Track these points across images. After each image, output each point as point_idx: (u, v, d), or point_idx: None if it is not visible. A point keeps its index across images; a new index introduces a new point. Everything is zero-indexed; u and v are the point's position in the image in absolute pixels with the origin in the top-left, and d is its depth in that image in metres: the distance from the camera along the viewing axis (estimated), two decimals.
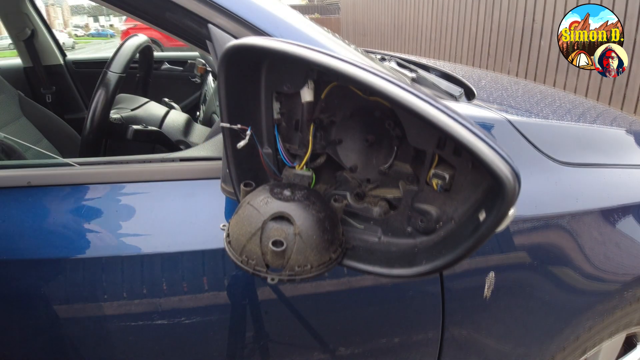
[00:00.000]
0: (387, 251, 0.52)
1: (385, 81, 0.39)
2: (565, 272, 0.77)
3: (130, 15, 0.71)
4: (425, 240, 0.50)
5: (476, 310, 0.73)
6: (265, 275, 0.44)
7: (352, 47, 0.85)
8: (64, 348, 0.64)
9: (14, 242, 0.60)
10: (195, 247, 0.63)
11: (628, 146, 0.96)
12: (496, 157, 0.36)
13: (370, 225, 0.55)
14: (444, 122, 0.37)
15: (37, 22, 1.97)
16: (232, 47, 0.46)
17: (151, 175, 0.66)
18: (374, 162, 0.56)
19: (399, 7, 8.13)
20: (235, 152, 0.53)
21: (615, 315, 0.88)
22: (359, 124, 0.56)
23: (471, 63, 6.21)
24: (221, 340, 0.66)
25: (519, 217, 0.72)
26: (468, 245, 0.40)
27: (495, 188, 0.37)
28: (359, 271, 0.49)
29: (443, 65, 1.46)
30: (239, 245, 0.45)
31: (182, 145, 1.34)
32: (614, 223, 0.81)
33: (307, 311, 0.68)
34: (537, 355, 0.83)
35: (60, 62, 2.11)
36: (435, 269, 0.43)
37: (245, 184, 0.52)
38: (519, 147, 0.76)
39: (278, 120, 0.57)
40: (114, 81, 1.18)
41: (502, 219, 0.37)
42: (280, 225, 0.44)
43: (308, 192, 0.48)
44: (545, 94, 1.27)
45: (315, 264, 0.45)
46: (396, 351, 0.74)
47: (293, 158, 0.58)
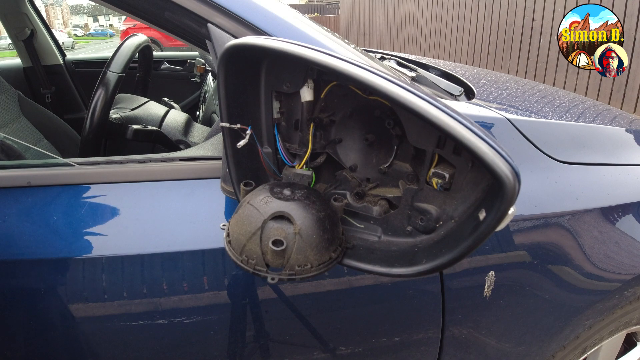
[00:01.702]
0: (387, 250, 0.52)
1: (385, 80, 0.39)
2: (565, 271, 0.77)
3: (129, 15, 0.71)
4: (426, 239, 0.50)
5: (476, 309, 0.73)
6: (265, 274, 0.44)
7: (351, 46, 0.85)
8: (64, 348, 0.64)
9: (14, 242, 0.60)
10: (195, 246, 0.63)
11: (628, 145, 0.96)
12: (496, 156, 0.36)
13: (370, 224, 0.55)
14: (443, 121, 0.37)
15: (37, 22, 1.97)
16: (232, 47, 0.46)
17: (151, 175, 0.66)
18: (374, 161, 0.56)
19: (399, 7, 8.12)
20: (235, 151, 0.53)
21: (615, 314, 0.88)
22: (358, 123, 0.56)
23: (471, 62, 6.20)
24: (221, 339, 0.66)
25: (519, 216, 0.72)
26: (468, 244, 0.40)
27: (495, 187, 0.37)
28: (359, 270, 0.49)
29: (443, 65, 1.46)
30: (239, 244, 0.45)
31: (182, 144, 1.34)
32: (614, 222, 0.81)
33: (307, 310, 0.68)
34: (537, 354, 0.83)
35: (60, 62, 2.11)
36: (435, 267, 0.43)
37: (245, 183, 0.52)
38: (518, 146, 0.76)
39: (278, 119, 0.57)
40: (113, 81, 1.18)
41: (502, 218, 0.37)
42: (280, 224, 0.44)
43: (308, 191, 0.48)
44: (545, 93, 1.27)
45: (315, 263, 0.45)
46: (396, 350, 0.74)
47: (293, 157, 0.58)
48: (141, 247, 0.62)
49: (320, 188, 0.58)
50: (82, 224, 0.63)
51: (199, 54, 2.13)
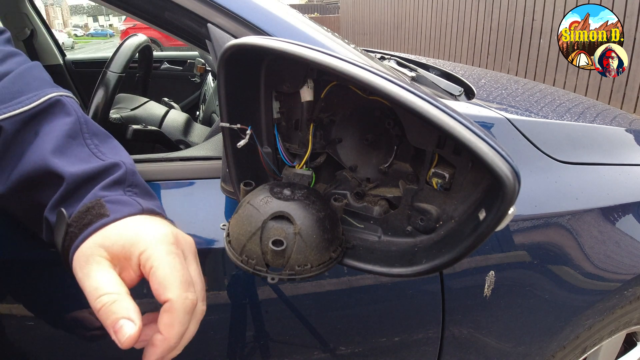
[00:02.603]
0: (387, 250, 0.52)
1: (385, 80, 0.39)
2: (565, 271, 0.77)
3: (129, 15, 0.71)
4: (426, 239, 0.50)
5: (476, 309, 0.73)
6: (265, 274, 0.44)
7: (351, 46, 0.85)
8: (63, 348, 0.64)
9: (14, 242, 0.60)
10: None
11: (628, 145, 0.96)
12: (496, 156, 0.36)
13: (370, 224, 0.55)
14: (443, 121, 0.37)
15: (37, 22, 1.97)
16: (232, 47, 0.46)
17: (151, 175, 0.66)
18: (374, 161, 0.56)
19: (399, 6, 8.13)
20: (235, 151, 0.53)
21: (615, 314, 0.88)
22: (358, 123, 0.56)
23: (471, 62, 6.21)
24: (221, 339, 0.66)
25: (519, 216, 0.72)
26: (467, 244, 0.40)
27: (495, 187, 0.37)
28: (359, 270, 0.49)
29: (443, 64, 1.46)
30: (239, 244, 0.45)
31: (182, 144, 1.34)
32: (614, 222, 0.81)
33: (307, 310, 0.68)
34: (537, 354, 0.83)
35: (60, 62, 2.11)
36: (435, 268, 0.43)
37: (245, 183, 0.52)
38: (518, 146, 0.76)
39: (278, 119, 0.56)
40: (113, 81, 1.18)
41: (501, 218, 0.37)
42: (280, 224, 0.44)
43: (308, 191, 0.48)
44: (545, 93, 1.27)
45: (315, 263, 0.45)
46: (396, 350, 0.74)
47: (293, 157, 0.58)
48: None
49: (320, 188, 0.58)
50: None
51: (199, 54, 2.13)
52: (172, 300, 0.38)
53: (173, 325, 0.38)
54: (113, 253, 0.40)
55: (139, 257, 0.40)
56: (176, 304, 0.38)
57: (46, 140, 0.45)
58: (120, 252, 0.40)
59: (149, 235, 0.40)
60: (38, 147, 0.44)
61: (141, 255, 0.40)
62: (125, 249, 0.40)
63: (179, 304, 0.38)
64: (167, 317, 0.38)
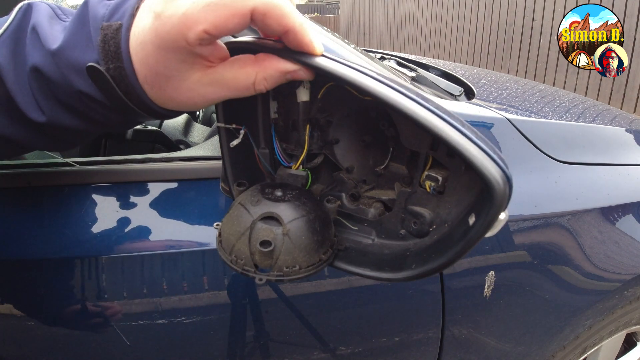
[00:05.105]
0: (380, 253, 0.51)
1: (372, 79, 0.37)
2: (565, 271, 0.77)
3: None
4: (418, 243, 0.49)
5: (476, 309, 0.73)
6: (253, 275, 0.43)
7: (351, 46, 0.85)
8: (63, 348, 0.64)
9: (14, 242, 0.60)
10: (195, 247, 0.63)
11: (628, 145, 0.96)
12: (486, 159, 0.34)
13: (364, 226, 0.54)
14: (431, 122, 0.35)
15: None
16: (229, 45, 0.45)
17: (151, 175, 0.66)
18: (371, 162, 0.56)
19: (399, 6, 8.12)
20: (232, 151, 0.53)
21: (615, 314, 0.88)
22: (355, 124, 0.55)
23: (471, 62, 6.20)
24: (221, 339, 0.66)
25: (519, 216, 0.72)
26: (456, 250, 0.38)
27: (485, 191, 0.35)
28: (349, 273, 0.48)
29: (443, 64, 1.46)
30: (228, 244, 0.45)
31: (182, 145, 1.34)
32: (614, 222, 0.81)
33: (307, 310, 0.68)
34: (537, 354, 0.83)
35: None
36: (423, 273, 0.42)
37: (239, 183, 0.52)
38: (518, 146, 0.76)
39: (275, 119, 0.56)
40: None
41: (491, 224, 0.35)
42: (269, 225, 0.44)
43: (300, 192, 0.48)
44: (545, 93, 1.27)
45: (304, 264, 0.44)
46: (396, 350, 0.74)
47: (290, 158, 0.57)
48: (141, 248, 0.62)
49: (317, 189, 0.58)
50: (82, 224, 0.63)
51: None
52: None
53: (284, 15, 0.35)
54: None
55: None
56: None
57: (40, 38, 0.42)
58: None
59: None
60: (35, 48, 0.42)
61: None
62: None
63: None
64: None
